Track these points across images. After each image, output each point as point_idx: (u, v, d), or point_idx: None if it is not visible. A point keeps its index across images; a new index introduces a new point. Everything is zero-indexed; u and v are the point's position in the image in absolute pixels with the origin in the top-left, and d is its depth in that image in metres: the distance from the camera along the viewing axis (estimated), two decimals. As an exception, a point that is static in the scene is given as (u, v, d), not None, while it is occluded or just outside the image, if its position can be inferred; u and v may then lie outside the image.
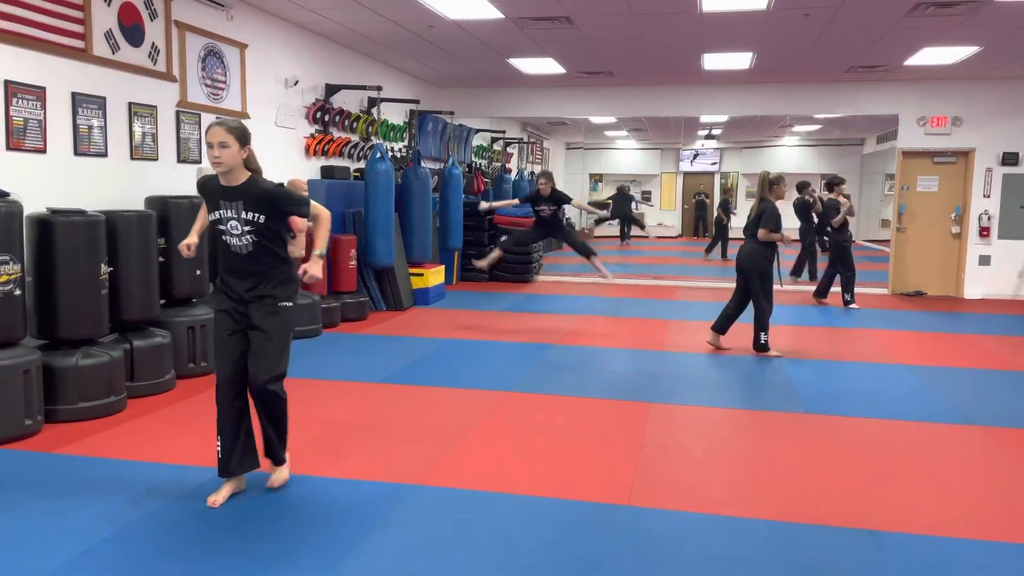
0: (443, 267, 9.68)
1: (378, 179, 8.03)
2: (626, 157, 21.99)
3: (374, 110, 9.07)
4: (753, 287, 6.49)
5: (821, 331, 7.88)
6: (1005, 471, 3.93)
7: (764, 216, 6.36)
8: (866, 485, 3.69)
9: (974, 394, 5.47)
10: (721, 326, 6.75)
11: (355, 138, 8.98)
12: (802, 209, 11.41)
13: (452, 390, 5.28)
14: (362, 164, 8.74)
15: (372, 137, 9.20)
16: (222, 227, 3.28)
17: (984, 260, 10.31)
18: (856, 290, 9.42)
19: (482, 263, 8.17)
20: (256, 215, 3.24)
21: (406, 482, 3.58)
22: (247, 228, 3.24)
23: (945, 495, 3.59)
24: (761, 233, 6.37)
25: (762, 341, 6.50)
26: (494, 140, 14.26)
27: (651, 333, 7.57)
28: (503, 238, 9.41)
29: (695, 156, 21.93)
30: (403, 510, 3.29)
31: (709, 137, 18.65)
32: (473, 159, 13.14)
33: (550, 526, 3.16)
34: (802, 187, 11.29)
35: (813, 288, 9.93)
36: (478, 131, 12.93)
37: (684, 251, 18.19)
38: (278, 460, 3.49)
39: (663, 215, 22.63)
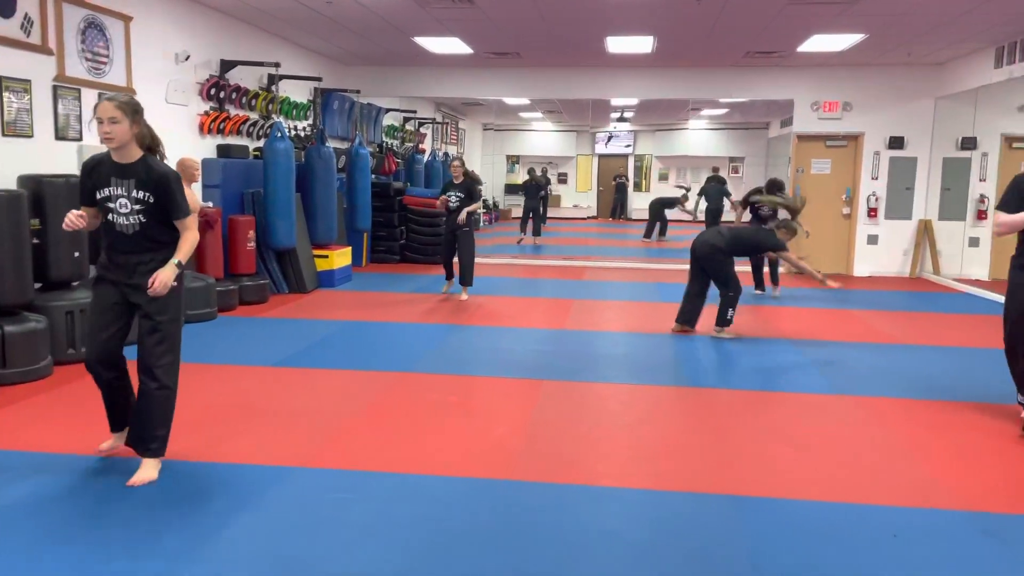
0: (350, 249, 9.56)
1: (277, 158, 7.85)
2: (542, 139, 22.11)
3: (274, 87, 8.83)
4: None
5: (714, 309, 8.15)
6: (868, 437, 4.17)
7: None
8: (738, 453, 3.86)
9: (850, 366, 5.77)
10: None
11: (254, 116, 8.74)
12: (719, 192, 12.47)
13: (348, 372, 5.25)
14: (262, 143, 8.52)
15: (273, 115, 8.98)
16: (110, 204, 3.22)
17: (872, 239, 10.85)
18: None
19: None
20: (146, 194, 3.21)
21: (287, 464, 3.55)
22: (136, 207, 3.21)
23: (810, 461, 3.79)
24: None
25: (728, 317, 6.59)
26: (406, 120, 14.11)
27: (556, 313, 7.68)
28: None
29: (609, 138, 22.23)
30: (280, 492, 3.27)
31: (621, 120, 18.91)
32: (384, 139, 12.98)
33: (429, 503, 3.19)
34: (715, 170, 12.10)
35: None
36: (388, 111, 12.77)
37: (599, 232, 18.49)
38: (146, 450, 3.34)
39: (579, 197, 22.89)
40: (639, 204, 22.12)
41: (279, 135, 7.90)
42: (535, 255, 12.91)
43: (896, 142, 10.61)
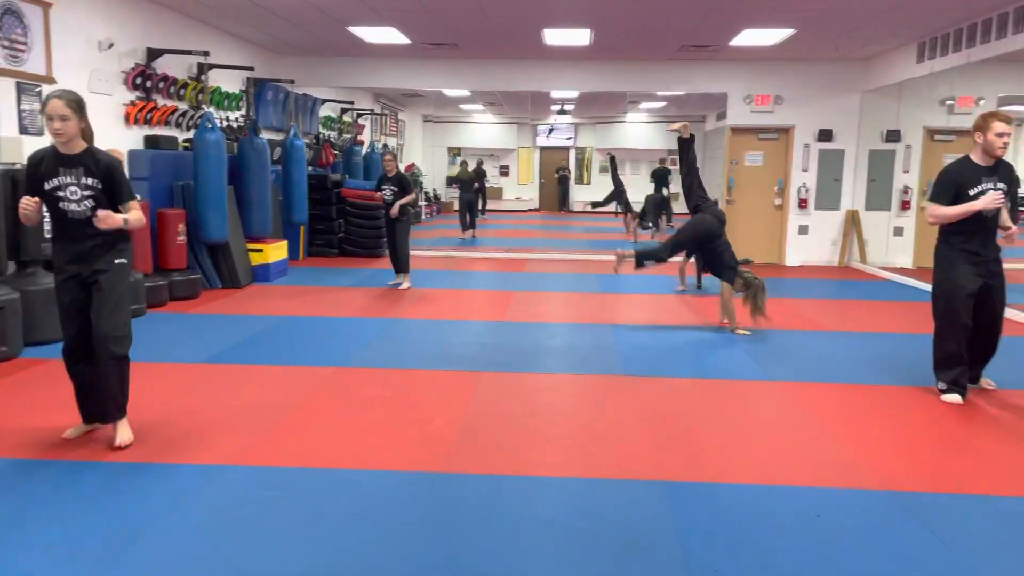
0: (286, 243, 9.38)
1: (207, 150, 7.65)
2: (483, 131, 22.08)
3: (204, 77, 8.60)
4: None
5: (652, 298, 8.27)
6: (795, 422, 4.29)
7: None
8: (670, 440, 3.93)
9: (781, 353, 5.92)
10: None
11: (183, 106, 8.49)
12: (660, 178, 12.81)
13: (281, 368, 5.15)
14: (192, 134, 8.29)
15: (203, 106, 8.74)
16: (61, 193, 3.45)
17: (803, 229, 11.16)
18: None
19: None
20: (95, 181, 3.47)
21: (215, 463, 3.48)
22: (86, 193, 3.46)
23: (740, 446, 3.88)
24: None
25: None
26: (344, 111, 13.91)
27: (495, 305, 7.69)
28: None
29: (551, 131, 22.32)
30: (207, 492, 3.19)
31: (562, 112, 19.00)
32: (321, 131, 12.77)
33: (362, 498, 3.16)
34: (662, 161, 12.44)
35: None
36: (325, 101, 12.56)
37: (542, 224, 18.56)
38: (118, 414, 3.64)
39: (521, 189, 22.93)
40: (581, 197, 22.33)
41: (209, 126, 7.70)
42: (475, 248, 12.89)
43: (825, 135, 10.91)
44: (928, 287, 4.73)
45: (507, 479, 3.39)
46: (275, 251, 8.90)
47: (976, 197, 4.39)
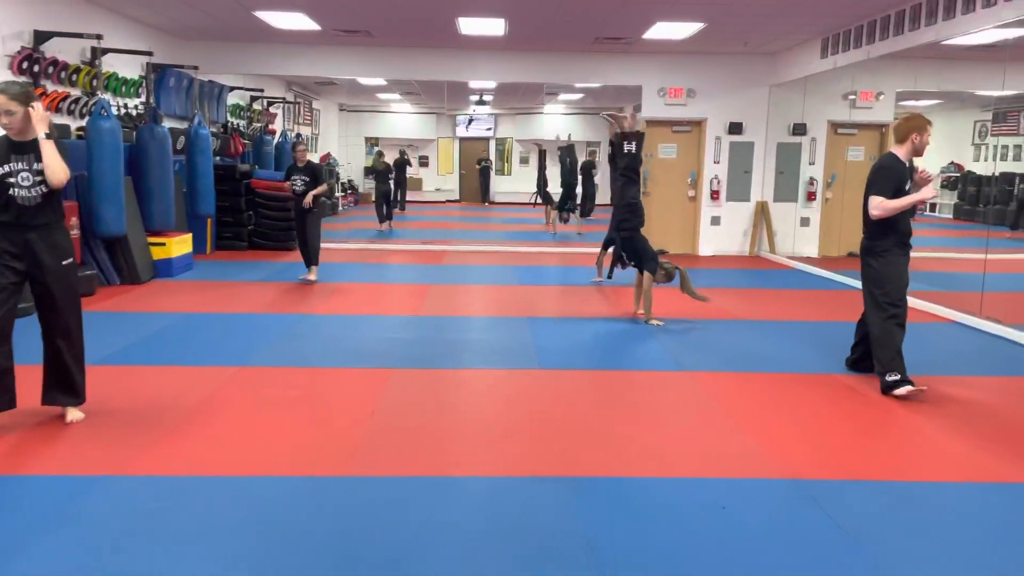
0: (191, 236, 8.98)
1: (102, 138, 7.22)
2: (402, 121, 21.74)
3: (98, 62, 8.11)
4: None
5: (570, 290, 8.28)
6: (703, 412, 4.33)
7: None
8: (581, 434, 3.89)
9: (694, 343, 6.00)
10: None
11: (76, 92, 8.00)
12: (586, 169, 13.76)
13: (179, 368, 4.90)
14: (86, 122, 7.81)
15: (98, 92, 8.24)
16: (12, 180, 3.56)
17: (715, 220, 11.39)
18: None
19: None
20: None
21: (99, 473, 3.25)
22: (38, 179, 3.58)
23: (649, 438, 3.88)
24: None
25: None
26: (253, 99, 13.43)
27: (411, 299, 7.54)
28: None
29: (470, 121, 22.16)
30: (90, 504, 2.98)
31: (481, 103, 18.88)
32: (229, 119, 12.29)
33: (255, 507, 3.01)
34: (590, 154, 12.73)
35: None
36: (232, 89, 12.08)
37: (462, 216, 18.42)
38: (76, 399, 3.89)
39: (441, 180, 22.72)
40: (503, 188, 22.27)
41: (104, 113, 7.27)
42: (392, 240, 12.68)
43: (735, 127, 11.15)
44: (834, 276, 4.84)
45: (413, 481, 3.29)
46: (178, 245, 8.50)
47: (907, 192, 4.53)
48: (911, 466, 3.63)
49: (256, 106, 13.59)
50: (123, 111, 8.88)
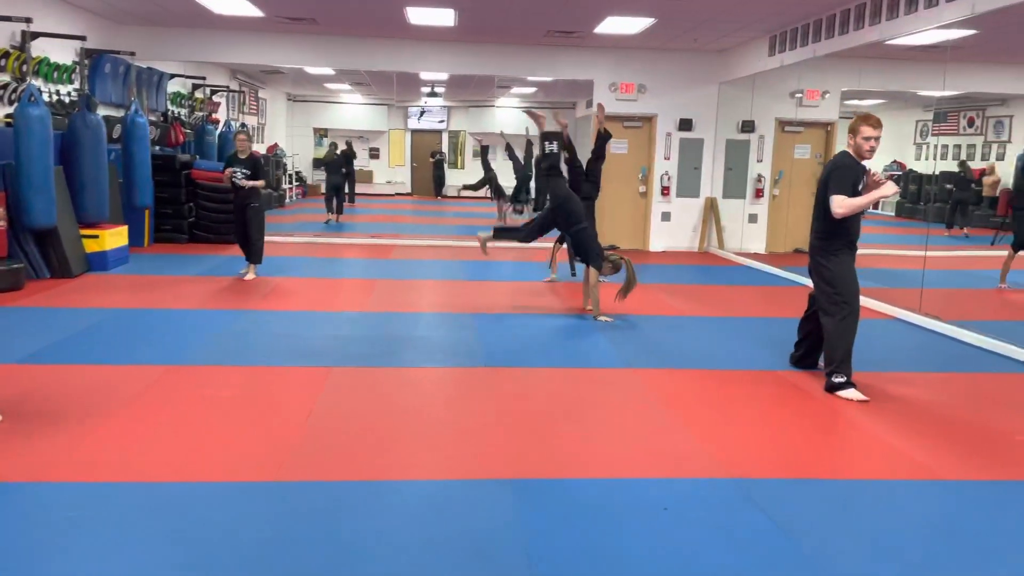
0: (127, 228, 8.65)
1: (30, 126, 6.89)
2: (352, 111, 21.39)
3: (27, 46, 7.73)
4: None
5: (520, 286, 8.20)
6: (647, 411, 4.29)
7: None
8: (523, 434, 3.82)
9: (642, 339, 5.97)
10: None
11: (5, 78, 7.63)
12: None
13: (107, 367, 4.68)
14: (14, 108, 7.45)
15: (28, 78, 7.87)
16: None
17: (665, 216, 11.44)
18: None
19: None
20: None
21: (12, 480, 3.06)
22: None
23: (593, 439, 3.82)
24: None
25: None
26: (195, 87, 13.03)
27: (356, 294, 7.38)
28: None
29: (422, 113, 21.93)
30: (-3, 516, 2.80)
31: (432, 95, 18.67)
32: (169, 107, 11.90)
33: (179, 516, 2.86)
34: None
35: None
36: (173, 76, 11.69)
37: (413, 209, 18.22)
38: None
39: (392, 172, 22.44)
40: (455, 181, 22.08)
41: (32, 100, 6.94)
42: (340, 233, 12.45)
43: (685, 124, 11.20)
44: (780, 272, 4.83)
45: (347, 486, 3.17)
46: (113, 237, 8.18)
47: (860, 192, 4.51)
48: (851, 464, 3.64)
49: (198, 94, 13.19)
50: (55, 98, 8.51)
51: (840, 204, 4.45)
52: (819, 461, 3.64)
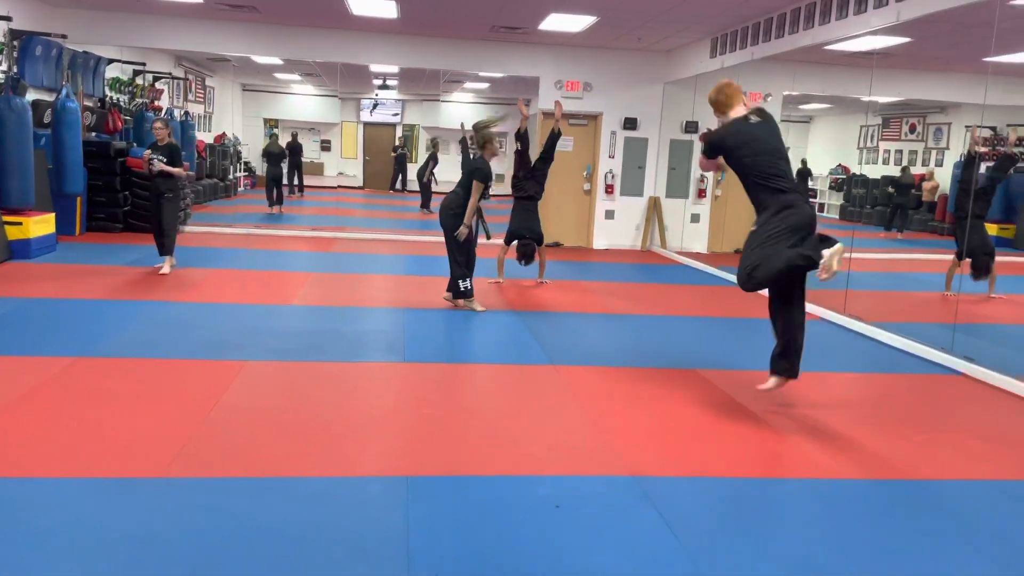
0: (52, 215, 8.40)
1: (-55, 108, 6.65)
2: (304, 103, 21.06)
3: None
4: (449, 239, 6.48)
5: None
6: (563, 408, 4.28)
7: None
8: (430, 430, 3.78)
9: (569, 336, 5.97)
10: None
11: (-79, 56, 7.34)
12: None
13: (9, 358, 4.52)
14: (-71, 88, 7.18)
15: (-53, 57, 7.60)
16: None
17: (609, 214, 11.49)
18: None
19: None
20: None
21: None
22: None
23: (499, 434, 3.80)
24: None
25: (462, 288, 6.50)
26: (136, 73, 12.70)
27: (286, 287, 7.26)
28: None
29: (375, 106, 21.69)
30: None
31: (384, 87, 18.48)
32: (108, 93, 11.58)
33: (53, 512, 2.77)
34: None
35: None
36: (111, 61, 11.38)
37: (364, 203, 18.04)
38: None
39: (344, 165, 22.18)
40: (411, 175, 21.88)
41: (-52, 80, 6.69)
42: (282, 225, 12.27)
43: (630, 123, 11.26)
44: (718, 272, 4.85)
45: (236, 482, 3.11)
46: (38, 225, 7.93)
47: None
48: (752, 462, 3.67)
49: (140, 81, 12.86)
50: (-21, 79, 8.21)
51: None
52: (721, 459, 3.66)
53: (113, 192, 10.02)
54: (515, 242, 7.87)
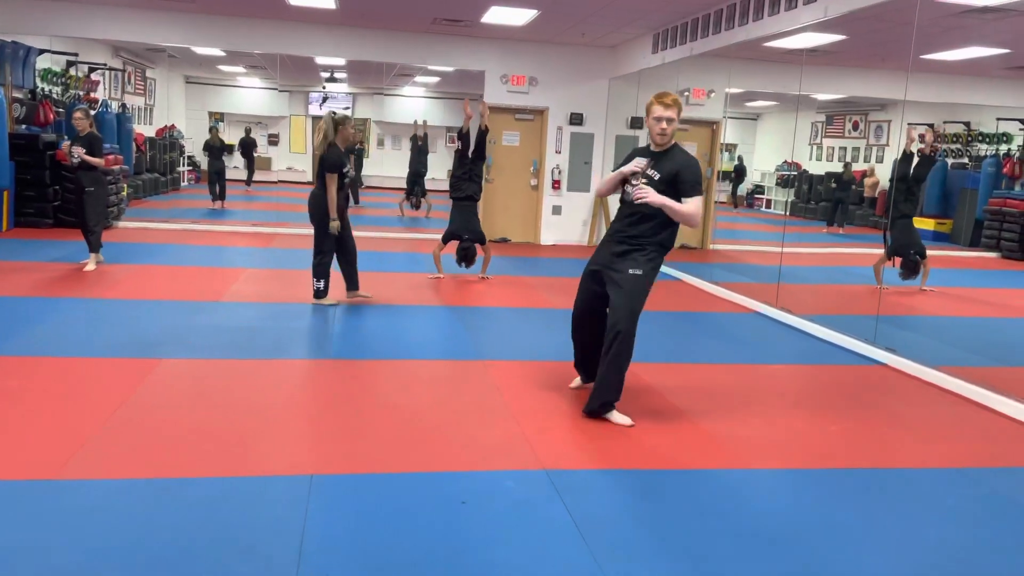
0: (-25, 210, 8.10)
1: None
2: (250, 96, 20.69)
3: None
4: (315, 234, 6.39)
5: (395, 276, 8.05)
6: (486, 402, 4.23)
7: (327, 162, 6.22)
8: (338, 429, 3.71)
9: (500, 331, 5.93)
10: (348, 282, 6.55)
11: None
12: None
13: (-94, 358, 4.33)
14: None
15: None
16: None
17: (556, 210, 11.48)
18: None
19: None
20: None
21: None
22: None
23: (414, 432, 3.73)
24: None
25: (314, 288, 6.40)
26: (70, 64, 12.31)
27: (217, 283, 7.08)
28: None
29: (324, 99, 21.40)
30: None
31: (331, 80, 18.24)
32: (39, 84, 11.21)
33: (-73, 518, 2.63)
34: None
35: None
36: (42, 51, 11.01)
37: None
38: None
39: (293, 159, 21.86)
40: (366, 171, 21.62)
41: None
42: (222, 220, 12.01)
43: (576, 118, 11.26)
44: (664, 268, 4.72)
45: (128, 484, 2.99)
46: (-43, 220, 7.63)
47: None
48: (666, 453, 3.66)
49: (75, 72, 12.48)
50: None
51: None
52: (634, 452, 3.65)
53: (42, 186, 9.71)
54: (452, 241, 7.82)
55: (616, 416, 3.96)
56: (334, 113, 6.42)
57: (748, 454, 3.68)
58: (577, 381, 4.48)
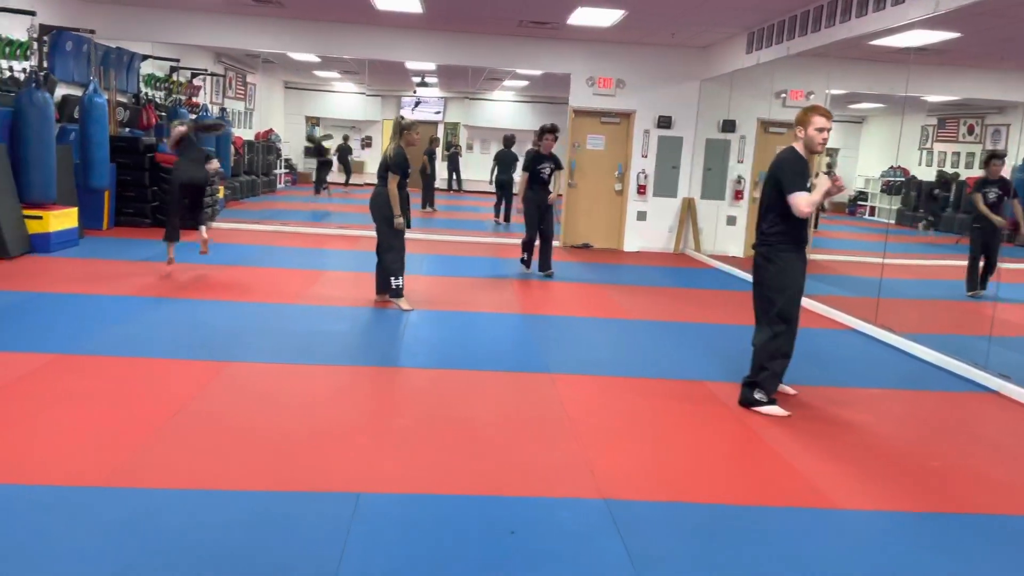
0: (75, 210, 8.45)
1: (-38, 101, 6.71)
2: (346, 101, 21.15)
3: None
4: (380, 232, 6.35)
5: (471, 281, 7.94)
6: (537, 419, 4.01)
7: (392, 162, 6.20)
8: (392, 444, 3.57)
9: (571, 342, 5.71)
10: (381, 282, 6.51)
11: (-53, 51, 7.45)
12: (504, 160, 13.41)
13: (-9, 354, 4.47)
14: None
15: (-27, 52, 7.70)
16: None
17: (641, 216, 11.13)
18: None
19: None
20: None
21: None
22: None
23: (463, 449, 3.57)
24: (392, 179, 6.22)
25: (394, 286, 6.34)
26: (173, 70, 12.83)
27: (295, 285, 7.13)
28: None
29: (416, 104, 21.65)
30: None
31: (423, 84, 18.40)
32: (143, 89, 11.71)
33: (-26, 520, 2.64)
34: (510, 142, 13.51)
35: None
36: (145, 57, 11.50)
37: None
38: None
39: (385, 163, 22.18)
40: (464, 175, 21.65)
41: (-32, 74, 6.75)
42: (312, 223, 12.23)
43: (664, 121, 10.89)
44: (750, 277, 4.47)
45: (171, 494, 2.93)
46: (59, 219, 7.99)
47: (809, 190, 4.13)
48: (738, 488, 3.36)
49: (178, 77, 12.98)
50: (7, 74, 8.32)
51: (807, 202, 4.06)
52: (705, 484, 3.36)
53: (142, 187, 10.09)
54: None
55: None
56: (402, 118, 6.41)
57: (833, 491, 3.33)
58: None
